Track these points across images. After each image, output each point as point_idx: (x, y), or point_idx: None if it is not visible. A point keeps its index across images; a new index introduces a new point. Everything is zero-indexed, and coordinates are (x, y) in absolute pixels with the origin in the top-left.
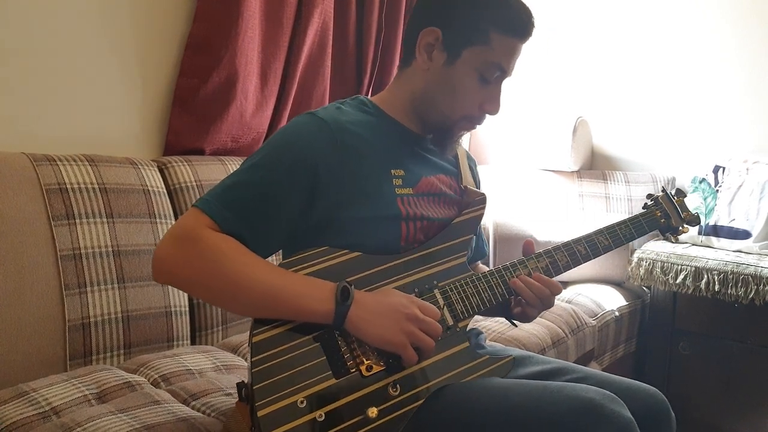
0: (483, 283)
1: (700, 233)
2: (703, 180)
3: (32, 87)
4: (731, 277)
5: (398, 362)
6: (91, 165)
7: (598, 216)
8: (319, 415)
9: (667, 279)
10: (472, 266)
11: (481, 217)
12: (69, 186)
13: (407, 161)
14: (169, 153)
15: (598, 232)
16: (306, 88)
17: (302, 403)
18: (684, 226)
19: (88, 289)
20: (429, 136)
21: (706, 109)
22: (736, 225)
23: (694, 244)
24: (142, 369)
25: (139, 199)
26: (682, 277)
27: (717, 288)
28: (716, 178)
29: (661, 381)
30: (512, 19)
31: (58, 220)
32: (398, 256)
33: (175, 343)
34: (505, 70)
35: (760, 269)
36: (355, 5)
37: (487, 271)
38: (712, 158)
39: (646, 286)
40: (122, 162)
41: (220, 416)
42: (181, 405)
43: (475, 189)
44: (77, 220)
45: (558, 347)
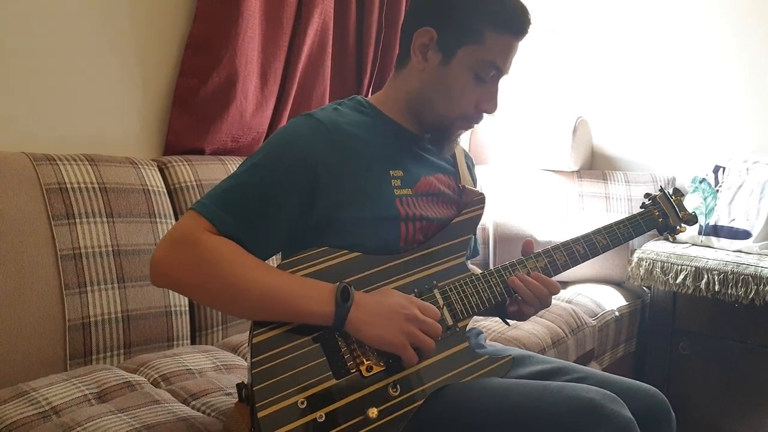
0: (482, 283)
1: (700, 233)
2: (703, 180)
3: (32, 87)
4: (731, 277)
5: (398, 363)
6: (91, 165)
7: (598, 216)
8: (320, 416)
9: (667, 279)
10: None
11: (480, 216)
12: (69, 186)
13: (405, 161)
14: (169, 153)
15: (597, 232)
16: (306, 88)
17: (303, 403)
18: (682, 226)
19: (88, 289)
20: (426, 135)
21: (706, 109)
22: (736, 225)
23: (694, 244)
24: (142, 369)
25: (139, 199)
26: (682, 277)
27: (717, 288)
28: (716, 178)
29: (661, 381)
30: (506, 17)
31: (58, 220)
32: (398, 256)
33: (175, 342)
34: (501, 69)
35: (760, 269)
36: (355, 5)
37: (486, 270)
38: (712, 158)
39: (646, 286)
40: (122, 162)
41: (220, 416)
42: (181, 405)
43: (473, 188)
44: (77, 220)
45: (558, 347)
